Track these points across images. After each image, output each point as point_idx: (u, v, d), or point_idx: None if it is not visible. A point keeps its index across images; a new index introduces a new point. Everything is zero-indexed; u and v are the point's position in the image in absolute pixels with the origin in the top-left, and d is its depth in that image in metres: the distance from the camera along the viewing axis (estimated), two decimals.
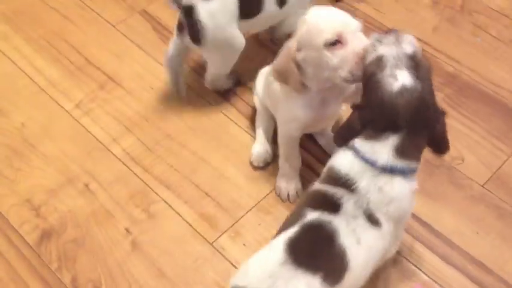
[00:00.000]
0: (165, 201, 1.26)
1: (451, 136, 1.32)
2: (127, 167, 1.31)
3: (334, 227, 0.93)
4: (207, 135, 1.37)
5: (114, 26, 1.62)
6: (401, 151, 0.93)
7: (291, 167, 1.23)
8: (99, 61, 1.53)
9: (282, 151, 1.23)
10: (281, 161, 1.24)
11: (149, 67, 1.52)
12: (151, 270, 1.16)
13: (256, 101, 1.34)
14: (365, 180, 0.94)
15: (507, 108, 1.40)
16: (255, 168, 1.31)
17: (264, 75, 1.31)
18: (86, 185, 1.29)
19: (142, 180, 1.29)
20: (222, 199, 1.26)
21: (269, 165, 1.31)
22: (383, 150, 0.93)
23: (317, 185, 0.99)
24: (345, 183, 0.94)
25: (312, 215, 0.94)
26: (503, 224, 1.22)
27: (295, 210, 0.99)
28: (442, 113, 0.97)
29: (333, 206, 0.94)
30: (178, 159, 1.32)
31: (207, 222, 1.23)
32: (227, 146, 1.34)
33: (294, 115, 1.14)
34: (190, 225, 1.23)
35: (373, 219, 0.94)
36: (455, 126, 1.36)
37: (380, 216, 0.94)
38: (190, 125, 1.39)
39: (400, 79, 0.91)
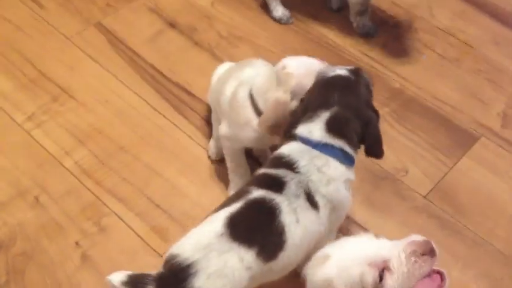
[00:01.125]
0: (117, 214, 1.27)
1: (395, 149, 1.39)
2: (78, 180, 1.32)
3: (276, 204, 0.98)
4: (160, 148, 1.39)
5: (68, 39, 1.62)
6: (332, 126, 1.02)
7: (241, 177, 1.26)
8: (53, 73, 1.53)
9: (228, 164, 1.26)
10: (230, 173, 1.27)
11: (104, 80, 1.53)
12: (101, 284, 1.17)
13: (209, 98, 1.35)
14: (305, 160, 1.02)
15: (450, 123, 1.47)
16: (212, 161, 1.35)
17: (217, 74, 1.33)
18: (36, 198, 1.29)
19: (94, 193, 1.30)
20: (174, 211, 1.28)
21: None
22: (316, 127, 1.03)
23: (262, 170, 1.05)
24: (287, 162, 1.02)
25: (257, 193, 0.99)
26: (444, 234, 1.28)
27: (240, 189, 1.04)
28: (376, 113, 1.07)
29: (277, 185, 1.00)
30: (131, 172, 1.34)
31: (158, 234, 1.25)
32: (180, 159, 1.37)
33: (241, 137, 1.19)
34: (141, 238, 1.24)
35: (312, 201, 1.00)
36: (400, 140, 1.42)
37: (319, 199, 1.01)
38: (143, 138, 1.41)
39: (337, 71, 1.07)
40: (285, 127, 1.09)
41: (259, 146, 1.28)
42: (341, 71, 1.07)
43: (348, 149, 1.04)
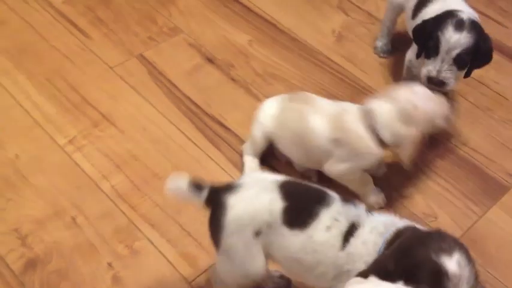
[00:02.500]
0: (149, 239, 1.30)
1: (425, 194, 1.41)
2: (114, 203, 1.36)
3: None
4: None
5: (111, 68, 1.69)
6: None
7: (368, 185, 1.36)
8: (95, 100, 1.60)
9: (355, 186, 1.34)
10: (361, 191, 1.35)
11: (143, 109, 1.58)
12: None
13: (257, 130, 1.39)
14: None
15: (481, 172, 1.48)
16: None
17: (268, 112, 1.39)
18: (73, 218, 1.33)
19: (128, 217, 1.34)
20: (204, 240, 1.30)
21: None
22: None
23: None
24: None
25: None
26: None
27: None
28: None
29: None
30: (165, 198, 1.37)
31: (188, 261, 1.27)
32: None
33: (362, 165, 1.31)
34: (171, 263, 1.27)
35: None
36: (430, 185, 1.43)
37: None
38: (177, 167, 1.45)
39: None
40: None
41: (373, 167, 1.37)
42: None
43: None
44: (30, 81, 1.64)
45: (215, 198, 1.05)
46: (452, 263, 0.87)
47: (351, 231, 1.00)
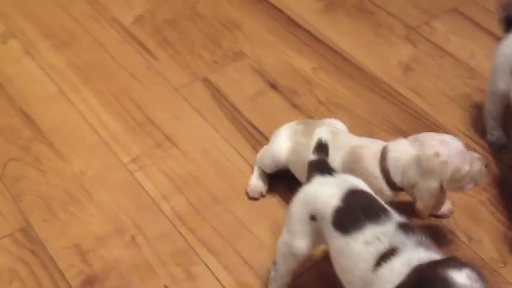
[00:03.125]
0: (206, 264, 1.30)
1: (494, 238, 1.34)
2: (173, 225, 1.36)
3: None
4: (252, 204, 1.41)
5: (177, 90, 1.72)
6: None
7: None
8: (160, 121, 1.62)
9: None
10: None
11: (205, 132, 1.59)
12: None
13: (269, 161, 1.39)
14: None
15: None
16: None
17: (289, 131, 1.38)
18: (133, 237, 1.34)
19: (186, 240, 1.34)
20: (261, 269, 1.29)
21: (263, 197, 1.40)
22: None
23: None
24: None
25: None
26: None
27: None
28: None
29: None
30: (223, 224, 1.37)
31: None
32: (271, 218, 1.38)
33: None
34: None
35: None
36: (500, 229, 1.37)
37: None
38: (237, 192, 1.44)
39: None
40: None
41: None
42: None
43: None
44: (97, 99, 1.68)
45: (314, 167, 1.14)
46: (461, 277, 0.87)
47: (387, 255, 0.98)
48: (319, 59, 1.80)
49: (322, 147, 1.17)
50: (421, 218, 1.20)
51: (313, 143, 1.17)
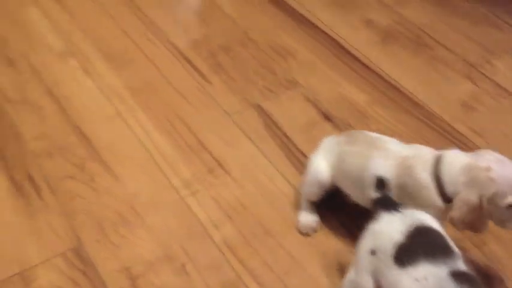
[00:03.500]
0: None
1: None
2: (223, 254, 1.36)
3: None
4: (304, 239, 1.39)
5: (229, 115, 1.72)
6: None
7: None
8: (211, 145, 1.62)
9: None
10: None
11: (257, 160, 1.59)
12: None
13: (317, 173, 1.35)
14: None
15: None
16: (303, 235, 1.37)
17: (327, 147, 1.37)
18: (183, 265, 1.33)
19: (236, 272, 1.32)
20: None
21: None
22: None
23: None
24: None
25: None
26: None
27: None
28: None
29: None
30: (274, 257, 1.35)
31: None
32: (324, 256, 1.35)
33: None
34: None
35: None
36: None
37: None
38: (289, 225, 1.42)
39: None
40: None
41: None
42: None
43: None
44: (151, 120, 1.70)
45: (379, 204, 1.13)
46: None
47: None
48: (374, 91, 1.78)
49: (382, 184, 1.15)
50: (456, 228, 1.17)
51: (371, 179, 1.16)
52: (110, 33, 1.99)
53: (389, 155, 1.23)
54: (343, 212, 1.43)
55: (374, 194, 1.15)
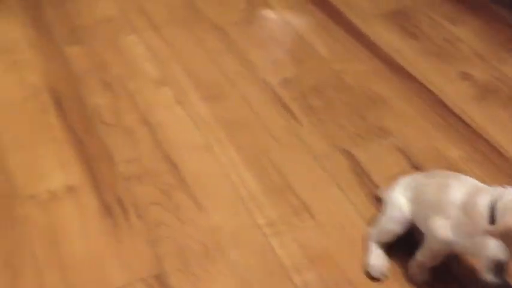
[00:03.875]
0: None
1: None
2: None
3: None
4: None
5: (317, 158, 1.70)
6: None
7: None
8: (298, 187, 1.60)
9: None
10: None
11: (343, 207, 1.55)
12: None
13: (397, 208, 1.35)
14: None
15: None
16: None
17: (404, 185, 1.38)
18: None
19: None
20: None
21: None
22: None
23: None
24: None
25: None
26: None
27: None
28: None
29: None
30: None
31: None
32: None
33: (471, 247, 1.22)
34: None
35: None
36: None
37: None
38: (372, 279, 1.37)
39: None
40: None
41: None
42: None
43: None
44: (239, 154, 1.70)
45: None
46: None
47: None
48: (469, 147, 1.71)
49: (500, 268, 1.10)
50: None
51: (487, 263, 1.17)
52: (204, 65, 2.03)
53: (466, 184, 1.26)
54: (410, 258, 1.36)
55: (489, 278, 1.14)
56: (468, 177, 1.31)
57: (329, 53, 2.10)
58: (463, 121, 1.80)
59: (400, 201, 1.37)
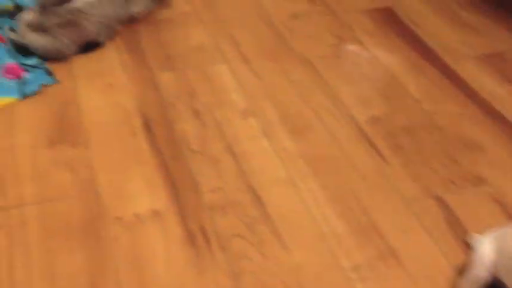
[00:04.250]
0: None
1: None
2: None
3: None
4: None
5: (406, 202, 1.63)
6: None
7: None
8: (385, 231, 1.54)
9: None
10: None
11: (433, 256, 1.47)
12: None
13: (482, 264, 1.30)
14: None
15: None
16: None
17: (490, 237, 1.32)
18: None
19: None
20: None
21: None
22: None
23: None
24: None
25: None
26: None
27: None
28: None
29: None
30: None
31: None
32: None
33: None
34: None
35: None
36: None
37: None
38: None
39: None
40: None
41: None
42: None
43: None
44: (323, 192, 1.66)
45: None
46: None
47: None
48: None
49: None
50: None
51: None
52: (291, 99, 2.02)
53: None
54: None
55: None
56: None
57: (420, 92, 2.04)
58: None
59: (487, 252, 1.31)
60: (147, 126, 1.89)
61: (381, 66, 2.18)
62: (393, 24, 2.38)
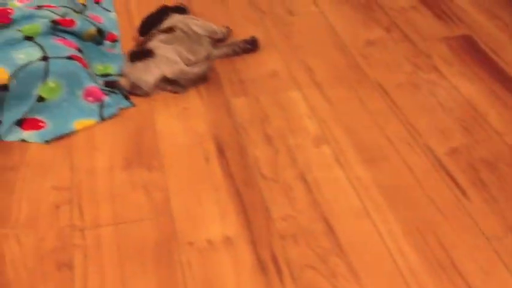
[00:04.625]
0: None
1: None
2: None
3: None
4: None
5: (487, 239, 1.55)
6: None
7: None
8: (464, 269, 1.46)
9: None
10: None
11: None
12: None
13: None
14: None
15: None
16: None
17: None
18: None
19: None
20: None
21: None
22: None
23: None
24: None
25: None
26: None
27: None
28: None
29: None
30: None
31: None
32: None
33: None
34: None
35: None
36: None
37: None
38: None
39: None
40: None
41: None
42: None
43: None
44: (399, 225, 1.61)
45: None
46: None
47: None
48: None
49: None
50: None
51: None
52: (366, 127, 1.98)
53: None
54: None
55: None
56: None
57: (502, 124, 1.95)
58: None
59: None
60: (220, 151, 1.90)
61: (460, 95, 2.11)
62: (472, 52, 2.30)
